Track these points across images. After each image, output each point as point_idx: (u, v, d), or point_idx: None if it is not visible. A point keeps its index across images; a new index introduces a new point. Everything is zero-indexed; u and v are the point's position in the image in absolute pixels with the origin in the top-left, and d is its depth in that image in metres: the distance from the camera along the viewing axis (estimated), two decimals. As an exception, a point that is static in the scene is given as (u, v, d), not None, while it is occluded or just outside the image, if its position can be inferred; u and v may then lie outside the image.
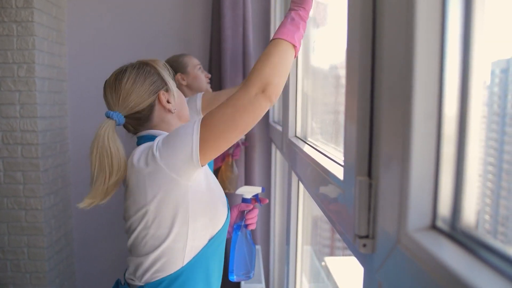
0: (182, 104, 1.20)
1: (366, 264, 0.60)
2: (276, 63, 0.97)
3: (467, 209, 0.44)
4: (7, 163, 2.35)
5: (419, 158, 0.45)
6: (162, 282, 1.04)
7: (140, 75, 1.12)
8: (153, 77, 1.13)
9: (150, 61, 1.17)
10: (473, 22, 0.44)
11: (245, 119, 0.96)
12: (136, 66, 1.14)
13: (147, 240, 1.04)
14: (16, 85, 2.31)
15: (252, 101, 0.95)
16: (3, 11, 2.27)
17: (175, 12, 2.63)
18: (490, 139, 0.50)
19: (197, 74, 2.06)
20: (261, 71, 0.96)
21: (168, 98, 1.14)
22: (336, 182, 0.75)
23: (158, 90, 1.13)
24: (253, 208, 1.24)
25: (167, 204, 1.01)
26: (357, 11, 0.59)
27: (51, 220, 2.47)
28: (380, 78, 0.55)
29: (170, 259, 1.04)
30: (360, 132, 0.59)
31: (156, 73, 1.14)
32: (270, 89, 0.96)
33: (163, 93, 1.13)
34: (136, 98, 1.10)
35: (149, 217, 1.02)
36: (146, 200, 1.01)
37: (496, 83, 0.50)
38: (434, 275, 0.38)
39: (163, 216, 1.02)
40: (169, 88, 1.15)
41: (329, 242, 2.11)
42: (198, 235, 1.05)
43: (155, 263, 1.04)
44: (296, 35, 1.00)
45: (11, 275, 2.41)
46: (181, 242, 1.03)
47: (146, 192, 1.01)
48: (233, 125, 0.96)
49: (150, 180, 1.00)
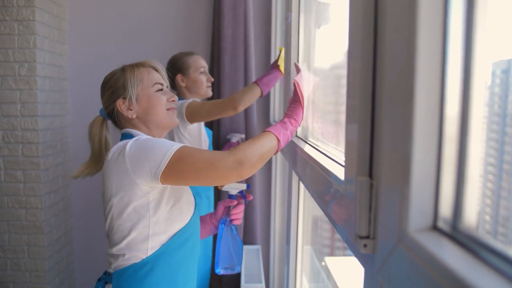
0: (151, 109, 1.23)
1: (367, 264, 0.60)
2: (261, 147, 1.08)
3: (468, 209, 0.44)
4: (7, 161, 2.35)
5: (420, 158, 0.45)
6: (127, 271, 1.13)
7: (110, 82, 1.25)
8: (116, 86, 1.23)
9: (131, 66, 1.26)
10: (475, 21, 0.44)
11: (211, 176, 1.05)
12: (113, 72, 1.26)
13: (114, 231, 1.14)
14: (17, 84, 2.31)
15: (227, 166, 1.03)
16: (4, 10, 2.27)
17: (176, 11, 2.63)
18: (491, 139, 0.50)
19: (197, 78, 2.02)
20: (247, 148, 1.06)
21: (130, 105, 1.22)
22: (337, 182, 0.75)
23: (117, 98, 1.22)
24: (237, 204, 1.33)
25: (127, 201, 1.11)
26: (359, 10, 0.59)
27: (51, 219, 2.47)
28: (381, 77, 0.55)
29: (135, 250, 1.13)
30: (361, 132, 0.59)
31: (122, 82, 1.23)
32: (247, 165, 1.04)
33: (122, 101, 1.22)
34: (104, 101, 1.26)
35: (114, 209, 1.12)
36: (111, 193, 1.12)
37: (497, 84, 0.50)
38: (435, 276, 0.38)
39: (124, 211, 1.11)
40: (130, 96, 1.22)
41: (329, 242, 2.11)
42: (160, 231, 1.13)
43: (122, 252, 1.14)
44: (282, 134, 1.13)
45: (11, 273, 2.42)
46: (143, 235, 1.13)
47: (112, 185, 1.11)
48: (199, 174, 1.05)
49: (117, 175, 1.10)
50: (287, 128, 1.15)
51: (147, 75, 1.25)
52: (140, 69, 1.25)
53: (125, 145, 1.10)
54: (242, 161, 1.03)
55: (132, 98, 1.22)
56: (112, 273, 1.15)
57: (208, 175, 1.05)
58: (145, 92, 1.23)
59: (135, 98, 1.22)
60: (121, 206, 1.11)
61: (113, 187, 1.11)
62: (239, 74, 2.45)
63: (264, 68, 2.64)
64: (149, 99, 1.23)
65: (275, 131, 1.12)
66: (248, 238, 2.52)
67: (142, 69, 1.25)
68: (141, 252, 1.13)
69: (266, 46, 2.64)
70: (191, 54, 2.08)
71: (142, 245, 1.12)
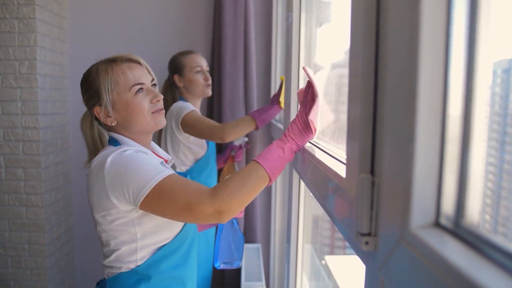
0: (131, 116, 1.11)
1: (368, 262, 0.60)
2: (247, 192, 0.98)
3: (471, 206, 0.44)
4: (8, 159, 2.35)
5: (422, 155, 0.45)
6: (119, 278, 1.10)
7: (85, 84, 1.15)
8: (91, 90, 1.12)
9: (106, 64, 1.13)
10: (478, 20, 0.44)
11: (188, 218, 1.00)
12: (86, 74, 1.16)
13: (104, 244, 1.12)
14: (17, 82, 2.31)
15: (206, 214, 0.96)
16: (5, 8, 2.26)
17: (176, 10, 2.63)
18: (492, 139, 0.50)
19: (193, 77, 2.01)
20: (229, 193, 0.97)
21: (108, 112, 1.11)
22: (338, 179, 0.75)
23: (93, 105, 1.13)
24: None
25: (110, 219, 1.06)
26: (361, 8, 0.59)
27: (52, 217, 2.47)
28: (383, 75, 0.55)
29: (125, 258, 1.09)
30: (363, 129, 0.59)
31: (96, 85, 1.11)
32: (226, 214, 0.97)
33: (99, 108, 1.12)
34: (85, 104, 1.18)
35: (97, 220, 1.09)
36: (92, 205, 1.07)
37: (497, 83, 0.50)
38: (438, 272, 0.38)
39: (109, 227, 1.07)
40: (103, 104, 1.10)
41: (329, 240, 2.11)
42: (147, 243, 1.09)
43: (113, 260, 1.10)
44: (277, 171, 1.02)
45: (12, 271, 2.42)
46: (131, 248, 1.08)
47: (93, 200, 1.06)
48: (175, 215, 1.00)
49: (97, 192, 1.04)
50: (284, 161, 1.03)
51: (123, 76, 1.10)
52: (114, 69, 1.10)
53: (105, 159, 1.02)
54: (222, 211, 0.96)
55: (107, 106, 1.10)
56: (106, 279, 1.13)
57: (186, 218, 1.00)
58: (122, 98, 1.10)
59: (111, 105, 1.10)
60: (104, 222, 1.07)
61: (94, 202, 1.06)
62: (239, 73, 2.45)
63: (264, 67, 2.64)
64: (126, 106, 1.10)
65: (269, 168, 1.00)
66: (248, 236, 2.52)
67: (117, 69, 1.10)
68: (131, 263, 1.09)
69: (267, 45, 2.64)
70: (188, 53, 2.07)
71: (130, 257, 1.09)
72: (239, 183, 0.98)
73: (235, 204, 0.97)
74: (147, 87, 1.13)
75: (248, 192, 0.99)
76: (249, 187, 0.98)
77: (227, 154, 2.28)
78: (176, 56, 2.07)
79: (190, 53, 2.07)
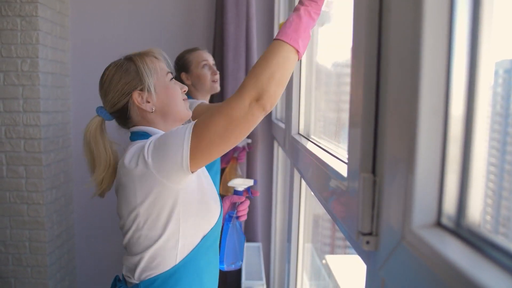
0: (170, 101, 1.12)
1: (369, 261, 0.60)
2: (274, 70, 0.90)
3: (472, 206, 0.44)
4: (9, 157, 2.36)
5: (424, 155, 0.45)
6: (156, 280, 1.05)
7: (117, 74, 1.10)
8: (128, 77, 1.09)
9: (138, 55, 1.13)
10: (480, 20, 0.44)
11: (238, 130, 0.92)
12: (118, 64, 1.12)
13: (140, 241, 1.05)
14: (19, 80, 2.31)
15: (246, 111, 0.90)
16: (7, 5, 2.27)
17: (178, 7, 2.63)
18: (493, 139, 0.50)
19: (200, 73, 1.97)
20: (257, 78, 0.90)
21: (147, 97, 1.09)
22: (339, 179, 0.75)
23: (132, 90, 1.09)
24: (244, 200, 1.26)
25: (157, 207, 1.01)
26: (363, 8, 0.59)
27: (53, 214, 2.48)
28: (386, 75, 0.55)
29: (164, 258, 1.05)
30: (365, 129, 0.59)
31: (134, 71, 1.10)
32: (265, 98, 0.90)
33: (138, 93, 1.09)
34: (112, 98, 1.11)
35: (140, 219, 1.03)
36: (136, 202, 1.02)
37: (499, 84, 0.50)
38: (439, 272, 0.38)
39: (153, 219, 1.02)
40: (148, 87, 1.09)
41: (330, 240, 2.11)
42: (189, 234, 1.06)
43: (149, 262, 1.05)
44: (301, 39, 0.92)
45: (13, 268, 2.42)
46: (173, 241, 1.04)
47: (136, 194, 1.01)
48: (225, 136, 0.93)
49: (140, 183, 1.00)
50: (306, 26, 0.92)
51: (158, 64, 1.13)
52: (149, 58, 1.12)
53: (142, 149, 1.00)
54: (258, 96, 0.89)
55: (150, 89, 1.09)
56: (139, 283, 1.07)
57: (234, 133, 0.92)
58: (161, 82, 1.11)
59: (154, 89, 1.10)
60: (148, 214, 1.02)
61: (137, 197, 1.01)
62: (241, 72, 2.45)
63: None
64: (166, 90, 1.11)
65: (290, 38, 0.91)
66: (249, 235, 2.53)
67: (147, 59, 1.12)
68: (170, 260, 1.05)
69: (269, 43, 2.64)
70: (193, 50, 2.05)
71: (171, 252, 1.05)
72: (263, 64, 0.91)
73: (267, 82, 0.89)
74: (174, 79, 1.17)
75: (277, 69, 0.90)
76: (275, 64, 0.90)
77: (230, 155, 2.28)
78: (182, 54, 2.05)
79: (196, 50, 2.04)
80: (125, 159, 1.03)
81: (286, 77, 0.92)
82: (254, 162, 2.52)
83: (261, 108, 0.90)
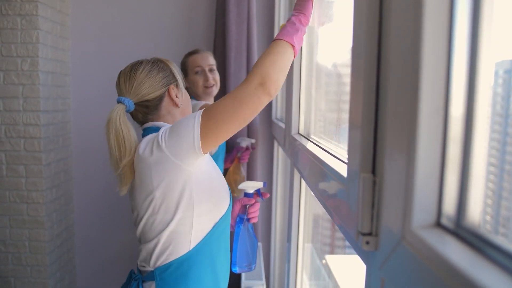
0: (188, 102, 1.29)
1: (369, 261, 0.60)
2: (275, 60, 1.04)
3: (472, 206, 0.44)
4: (9, 156, 2.36)
5: (424, 155, 0.45)
6: (171, 266, 1.12)
7: (155, 68, 1.21)
8: (165, 72, 1.22)
9: (164, 59, 1.27)
10: (480, 21, 0.44)
11: (245, 111, 1.03)
12: (151, 61, 1.24)
13: (155, 226, 1.12)
14: (19, 79, 2.31)
15: (252, 93, 1.01)
16: (7, 4, 2.27)
17: (179, 7, 2.63)
18: (493, 139, 0.50)
19: (192, 79, 2.00)
20: (261, 67, 1.03)
21: (177, 93, 1.23)
22: (339, 179, 0.75)
23: (169, 83, 1.22)
24: (255, 203, 1.29)
25: (172, 189, 1.08)
26: (364, 8, 0.59)
27: (53, 214, 2.48)
28: (386, 75, 0.55)
29: (178, 244, 1.11)
30: (365, 129, 0.59)
31: (168, 69, 1.24)
32: (269, 83, 1.02)
33: (173, 88, 1.22)
34: (149, 87, 1.18)
35: (155, 202, 1.10)
36: (152, 186, 1.08)
37: (499, 84, 0.50)
38: (439, 272, 0.38)
39: (169, 201, 1.09)
40: (179, 85, 1.25)
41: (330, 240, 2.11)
42: (203, 219, 1.12)
43: (164, 247, 1.12)
44: (295, 37, 1.07)
45: (12, 268, 2.42)
46: (187, 226, 1.11)
47: (152, 179, 1.08)
48: (233, 116, 1.03)
49: (155, 168, 1.07)
50: (298, 28, 1.09)
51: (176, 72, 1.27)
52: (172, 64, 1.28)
53: (155, 136, 1.09)
54: (263, 81, 1.01)
55: (181, 87, 1.25)
56: (154, 270, 1.13)
57: (241, 112, 1.02)
58: (182, 84, 1.28)
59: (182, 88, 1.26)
60: (163, 196, 1.09)
61: (153, 181, 1.08)
62: (243, 72, 2.45)
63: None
64: (185, 92, 1.29)
65: (286, 36, 1.07)
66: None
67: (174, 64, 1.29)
68: (184, 245, 1.11)
69: (269, 44, 2.64)
70: (191, 53, 2.06)
71: (185, 237, 1.11)
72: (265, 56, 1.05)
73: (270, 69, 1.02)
74: None
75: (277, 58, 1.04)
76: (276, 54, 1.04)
77: (233, 155, 2.28)
78: (183, 57, 2.06)
79: (193, 54, 2.05)
80: (139, 149, 1.10)
81: (286, 65, 1.06)
82: (254, 161, 2.52)
83: (266, 91, 1.02)
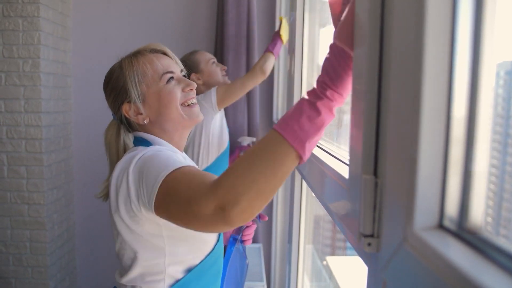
0: (163, 109, 1.00)
1: (371, 263, 0.60)
2: (259, 178, 0.65)
3: (475, 208, 0.44)
4: (11, 157, 2.36)
5: (427, 156, 0.45)
6: None
7: (108, 86, 1.03)
8: (117, 88, 1.01)
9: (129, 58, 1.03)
10: (483, 22, 0.44)
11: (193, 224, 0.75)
12: (111, 72, 1.04)
13: (125, 259, 0.97)
14: (21, 80, 2.32)
15: (207, 214, 0.69)
16: (9, 6, 2.27)
17: (179, 8, 2.63)
18: (494, 141, 0.50)
19: (211, 70, 2.01)
20: (235, 180, 0.66)
21: (137, 109, 1.00)
22: (341, 180, 0.75)
23: (121, 103, 1.01)
24: (252, 224, 1.18)
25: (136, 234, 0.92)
26: (365, 9, 0.59)
27: (54, 215, 2.48)
28: (387, 76, 0.55)
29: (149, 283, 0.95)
30: (366, 130, 0.59)
31: (122, 81, 1.00)
32: (232, 211, 0.66)
33: (128, 106, 1.00)
34: (110, 107, 1.05)
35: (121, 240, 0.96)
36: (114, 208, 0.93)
37: (500, 85, 0.50)
38: (441, 274, 0.38)
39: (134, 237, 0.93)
40: (132, 100, 0.99)
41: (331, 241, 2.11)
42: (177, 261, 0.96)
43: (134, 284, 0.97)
44: (308, 142, 0.64)
45: (13, 269, 2.43)
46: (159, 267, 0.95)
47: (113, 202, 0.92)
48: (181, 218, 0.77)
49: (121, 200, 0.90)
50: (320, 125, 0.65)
51: (150, 66, 1.00)
52: (139, 60, 1.00)
53: (131, 160, 0.89)
54: (224, 206, 0.66)
55: (137, 101, 0.99)
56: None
57: (190, 223, 0.76)
58: (152, 89, 0.99)
59: (141, 100, 0.99)
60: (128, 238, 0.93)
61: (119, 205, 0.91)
62: (242, 72, 2.46)
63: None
64: (158, 97, 0.99)
65: (295, 139, 0.64)
66: (249, 236, 2.52)
67: (142, 59, 1.00)
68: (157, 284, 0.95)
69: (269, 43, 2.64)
70: (195, 51, 2.07)
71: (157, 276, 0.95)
72: (249, 163, 0.67)
73: (242, 192, 0.65)
74: (177, 76, 1.03)
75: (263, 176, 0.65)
76: (263, 168, 0.65)
77: (236, 154, 2.29)
78: (187, 56, 2.06)
79: (198, 51, 2.08)
80: (115, 170, 0.92)
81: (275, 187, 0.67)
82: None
83: (222, 220, 0.68)
